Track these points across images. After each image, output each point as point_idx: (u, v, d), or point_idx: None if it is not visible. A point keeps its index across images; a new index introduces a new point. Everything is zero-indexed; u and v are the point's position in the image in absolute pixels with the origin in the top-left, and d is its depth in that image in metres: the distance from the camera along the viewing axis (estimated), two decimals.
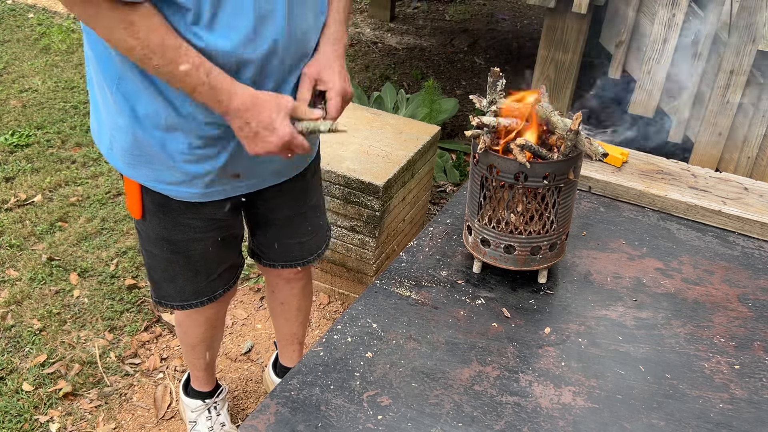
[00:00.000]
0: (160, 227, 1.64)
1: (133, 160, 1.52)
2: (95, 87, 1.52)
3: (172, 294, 1.79)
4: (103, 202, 3.29)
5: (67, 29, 5.05)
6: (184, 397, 2.23)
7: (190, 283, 1.77)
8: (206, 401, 2.19)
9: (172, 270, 1.74)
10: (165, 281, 1.77)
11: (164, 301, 1.81)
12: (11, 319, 2.65)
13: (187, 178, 1.53)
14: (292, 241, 1.88)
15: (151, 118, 1.44)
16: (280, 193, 1.74)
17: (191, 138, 1.46)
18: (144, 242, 1.71)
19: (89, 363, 2.50)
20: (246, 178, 1.60)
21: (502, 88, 1.45)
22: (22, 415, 2.30)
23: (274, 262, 1.94)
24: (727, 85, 2.88)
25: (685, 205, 1.74)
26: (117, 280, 2.85)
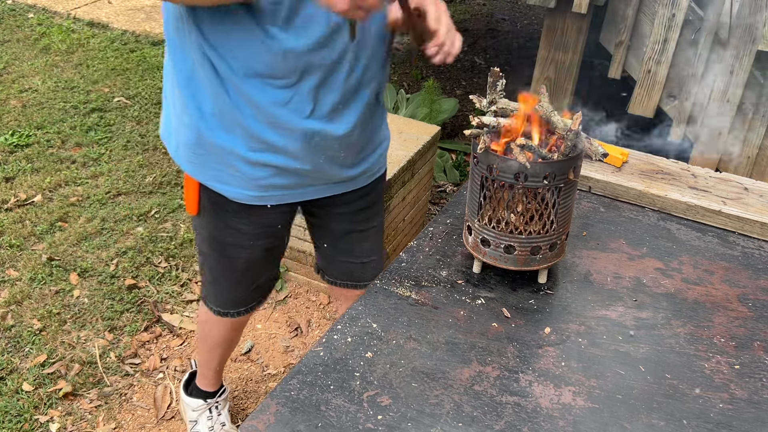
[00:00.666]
0: (212, 226, 1.68)
1: (194, 157, 1.56)
2: (168, 87, 1.58)
3: (211, 296, 1.84)
4: (103, 202, 3.29)
5: (67, 29, 5.05)
6: (185, 397, 2.23)
7: (231, 291, 1.80)
8: (208, 401, 2.19)
9: (216, 272, 1.77)
10: (209, 281, 1.82)
11: (206, 300, 1.86)
12: (11, 319, 2.65)
13: (244, 180, 1.56)
14: (353, 261, 1.89)
15: (216, 117, 1.48)
16: (339, 207, 1.75)
17: (251, 141, 1.50)
18: (197, 239, 1.77)
19: (89, 363, 2.50)
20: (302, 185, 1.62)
21: (502, 88, 1.45)
22: (22, 415, 2.30)
23: (336, 280, 1.95)
24: (727, 85, 2.88)
25: (685, 205, 1.74)
26: (117, 280, 2.85)
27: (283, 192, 1.61)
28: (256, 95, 1.43)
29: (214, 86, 1.44)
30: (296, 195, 1.64)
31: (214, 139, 1.51)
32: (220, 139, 1.51)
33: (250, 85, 1.42)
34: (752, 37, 2.78)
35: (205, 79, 1.44)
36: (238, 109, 1.45)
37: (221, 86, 1.43)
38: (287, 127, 1.48)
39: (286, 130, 1.48)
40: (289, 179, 1.58)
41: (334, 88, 1.46)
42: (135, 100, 4.19)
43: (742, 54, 2.81)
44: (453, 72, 4.86)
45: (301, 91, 1.44)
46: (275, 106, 1.45)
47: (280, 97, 1.44)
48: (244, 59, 1.40)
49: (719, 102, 2.93)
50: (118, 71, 4.53)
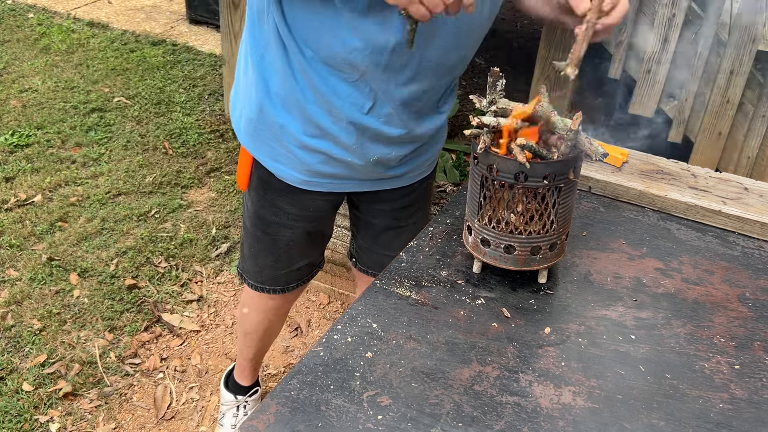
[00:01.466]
0: (258, 203, 1.74)
1: (253, 131, 1.63)
2: (241, 62, 1.65)
3: (250, 271, 1.90)
4: (103, 202, 3.29)
5: (67, 29, 5.05)
6: (222, 388, 2.30)
7: (270, 267, 1.87)
8: (238, 398, 2.23)
9: (257, 248, 1.83)
10: (249, 256, 1.88)
11: (244, 275, 1.92)
12: (11, 319, 2.65)
13: (295, 162, 1.62)
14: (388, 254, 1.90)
15: (280, 97, 1.55)
16: (382, 203, 1.81)
17: (308, 125, 1.56)
18: (244, 214, 1.82)
19: (89, 363, 2.50)
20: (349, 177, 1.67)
21: (502, 88, 1.45)
22: (22, 415, 2.30)
23: (367, 269, 2.02)
24: (727, 85, 2.88)
25: (685, 205, 1.74)
26: (117, 280, 2.85)
27: (330, 180, 1.67)
28: (321, 83, 1.49)
29: (284, 67, 1.50)
30: (342, 185, 1.69)
31: (275, 117, 1.57)
32: (280, 118, 1.57)
33: (316, 72, 1.48)
34: (752, 37, 2.78)
35: (277, 59, 1.50)
36: (302, 92, 1.51)
37: (289, 68, 1.49)
38: (344, 119, 1.53)
39: (343, 121, 1.53)
40: (337, 169, 1.64)
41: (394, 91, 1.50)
42: (135, 100, 4.19)
43: (742, 54, 2.81)
44: None
45: (362, 88, 1.49)
46: (336, 97, 1.51)
47: (342, 89, 1.50)
48: (316, 47, 1.45)
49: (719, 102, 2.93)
50: (118, 71, 4.53)
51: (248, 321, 2.06)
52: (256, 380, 2.26)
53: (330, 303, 2.83)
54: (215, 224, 3.22)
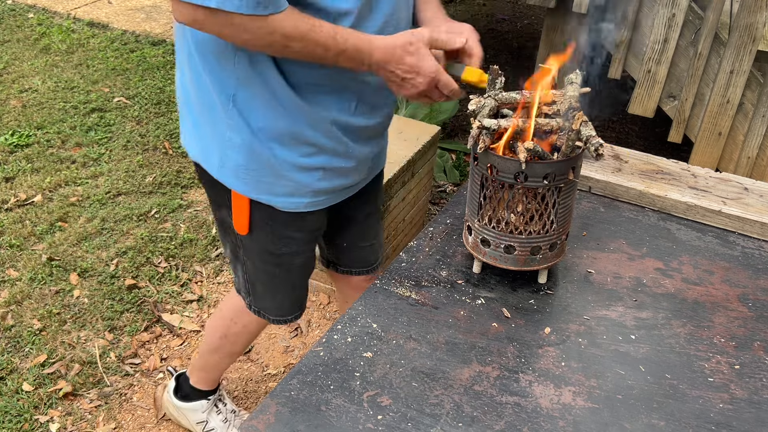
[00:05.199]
0: (266, 241, 1.67)
1: (246, 175, 1.55)
2: (196, 107, 1.54)
3: (270, 307, 1.83)
4: (103, 202, 3.29)
5: (67, 29, 5.05)
6: (183, 404, 2.21)
7: (289, 296, 1.82)
8: (210, 398, 2.19)
9: (273, 284, 1.77)
10: (266, 294, 1.81)
11: (262, 312, 1.85)
12: (11, 319, 2.65)
13: (297, 188, 1.57)
14: (366, 244, 1.94)
15: (267, 130, 1.49)
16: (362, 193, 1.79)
17: (301, 147, 1.51)
18: (248, 255, 1.73)
19: (89, 363, 2.50)
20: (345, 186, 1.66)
21: (501, 86, 1.45)
22: (22, 415, 2.30)
23: (350, 269, 1.99)
24: (727, 85, 2.88)
25: (685, 205, 1.74)
26: (117, 280, 2.85)
27: (329, 195, 1.64)
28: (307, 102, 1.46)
29: (268, 99, 1.45)
30: (341, 194, 1.68)
31: (267, 152, 1.51)
32: (272, 151, 1.51)
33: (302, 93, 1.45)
34: (752, 37, 2.78)
35: (256, 94, 1.44)
36: (291, 117, 1.47)
37: (274, 98, 1.44)
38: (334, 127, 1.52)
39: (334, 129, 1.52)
40: (335, 181, 1.62)
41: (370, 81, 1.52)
42: (135, 100, 4.19)
43: (742, 54, 2.81)
44: None
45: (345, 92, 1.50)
46: (324, 108, 1.49)
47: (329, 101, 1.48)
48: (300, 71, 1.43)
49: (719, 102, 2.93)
50: (118, 71, 4.53)
51: (239, 345, 2.02)
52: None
53: (330, 303, 2.83)
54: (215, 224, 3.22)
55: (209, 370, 2.14)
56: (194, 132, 1.59)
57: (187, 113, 1.59)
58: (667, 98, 3.07)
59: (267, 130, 1.49)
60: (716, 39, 2.86)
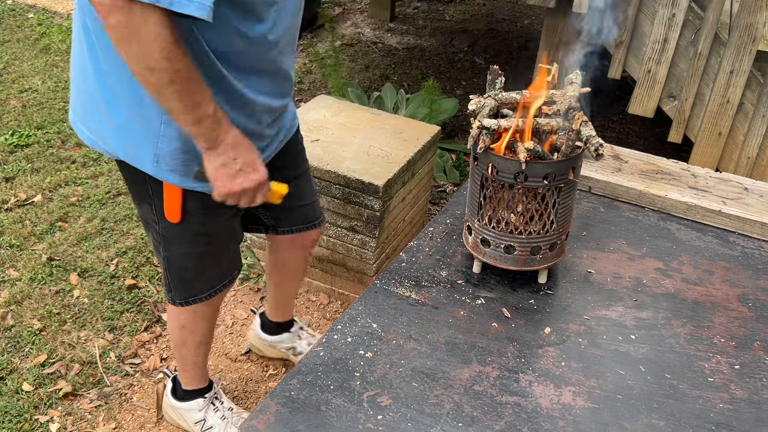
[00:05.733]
0: (198, 224, 1.70)
1: (179, 165, 1.57)
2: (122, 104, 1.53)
3: (200, 287, 1.85)
4: (103, 202, 3.29)
5: (67, 29, 5.05)
6: (180, 404, 2.21)
7: (216, 269, 1.85)
8: (206, 396, 2.19)
9: (203, 263, 1.80)
10: (195, 277, 1.83)
11: (192, 299, 1.87)
12: (11, 319, 2.65)
13: None
14: (305, 203, 2.01)
15: None
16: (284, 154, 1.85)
17: None
18: (175, 245, 1.75)
19: (89, 363, 2.50)
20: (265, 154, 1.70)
21: (501, 86, 1.45)
22: (22, 415, 2.30)
23: (291, 228, 2.03)
24: (727, 85, 2.88)
25: (685, 205, 1.74)
26: (117, 280, 2.85)
27: None
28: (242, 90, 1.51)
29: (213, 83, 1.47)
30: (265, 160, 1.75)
31: None
32: None
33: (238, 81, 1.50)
34: (752, 37, 2.78)
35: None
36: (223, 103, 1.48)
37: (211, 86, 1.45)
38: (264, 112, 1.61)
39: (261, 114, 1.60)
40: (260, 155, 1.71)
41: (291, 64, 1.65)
42: None
43: (742, 54, 2.81)
44: (453, 72, 4.86)
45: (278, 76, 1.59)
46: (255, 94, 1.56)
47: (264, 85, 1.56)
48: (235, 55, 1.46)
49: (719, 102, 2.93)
50: None
51: (198, 334, 2.02)
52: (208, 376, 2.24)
53: (330, 303, 2.83)
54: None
55: (188, 367, 2.14)
56: (119, 130, 1.58)
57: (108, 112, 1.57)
58: (667, 98, 3.07)
59: None
60: (716, 39, 2.86)
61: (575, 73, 1.45)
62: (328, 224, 2.65)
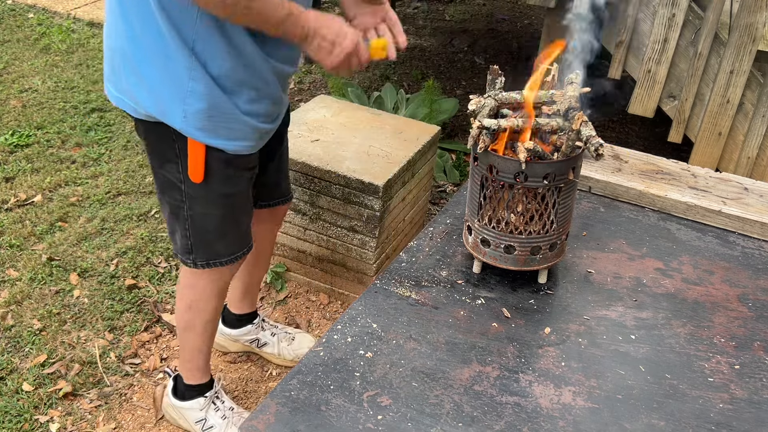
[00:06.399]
0: (221, 185, 1.77)
1: (207, 122, 1.65)
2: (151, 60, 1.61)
3: (221, 250, 1.90)
4: (103, 202, 3.29)
5: (67, 29, 5.05)
6: (181, 404, 2.20)
7: (237, 234, 1.91)
8: (207, 395, 2.19)
9: (223, 226, 1.86)
10: (217, 239, 1.88)
11: (212, 261, 1.91)
12: (11, 319, 2.65)
13: (247, 132, 1.70)
14: (282, 177, 2.13)
15: (225, 76, 1.60)
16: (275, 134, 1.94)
17: (251, 91, 1.66)
18: (195, 206, 1.81)
19: (89, 363, 2.50)
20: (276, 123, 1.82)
21: (501, 86, 1.45)
22: (22, 415, 2.30)
23: (269, 201, 2.13)
24: (727, 85, 2.88)
25: (685, 205, 1.74)
26: (117, 280, 2.85)
27: (263, 137, 1.80)
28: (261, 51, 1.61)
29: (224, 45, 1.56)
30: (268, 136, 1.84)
31: (225, 98, 1.63)
32: (230, 96, 1.63)
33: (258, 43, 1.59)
34: (752, 37, 2.78)
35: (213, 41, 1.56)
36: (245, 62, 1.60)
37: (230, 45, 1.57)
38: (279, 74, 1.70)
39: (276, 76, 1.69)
40: (272, 123, 1.79)
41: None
42: None
43: (742, 54, 2.81)
44: (453, 72, 4.86)
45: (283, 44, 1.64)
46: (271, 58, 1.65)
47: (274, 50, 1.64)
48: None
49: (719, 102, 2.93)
50: None
51: (207, 312, 2.04)
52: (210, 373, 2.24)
53: (330, 303, 2.83)
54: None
55: (193, 356, 2.13)
56: (150, 87, 1.64)
57: (140, 71, 1.63)
58: (667, 98, 3.07)
59: (225, 77, 1.61)
60: (716, 39, 2.86)
61: (575, 73, 1.45)
62: (328, 224, 2.65)
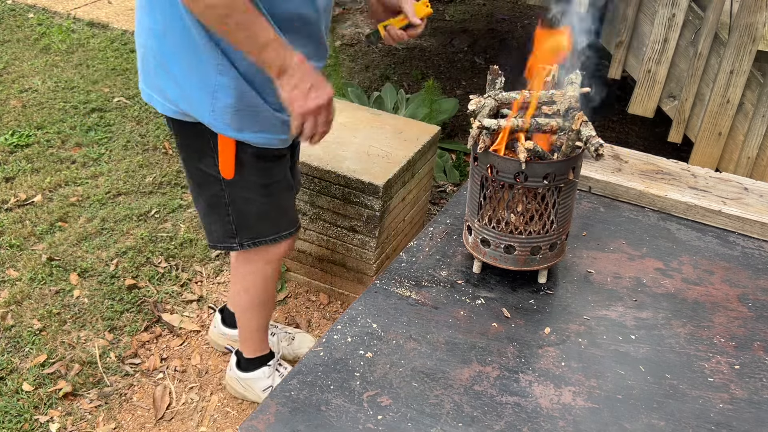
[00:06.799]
0: (256, 176, 1.81)
1: (236, 115, 1.67)
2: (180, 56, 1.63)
3: (265, 231, 1.94)
4: (103, 202, 3.29)
5: (67, 29, 5.05)
6: (247, 375, 2.29)
7: (279, 216, 1.95)
8: (269, 363, 2.25)
9: (266, 209, 1.89)
10: (261, 221, 1.92)
11: (258, 240, 1.94)
12: (11, 319, 2.65)
13: (277, 126, 1.70)
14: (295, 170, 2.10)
15: (253, 72, 1.61)
16: None
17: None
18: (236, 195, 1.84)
19: (89, 363, 2.50)
20: None
21: (501, 86, 1.45)
22: (22, 415, 2.30)
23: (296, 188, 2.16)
24: (727, 85, 2.88)
25: (685, 205, 1.74)
26: (117, 280, 2.85)
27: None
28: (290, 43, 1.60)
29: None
30: None
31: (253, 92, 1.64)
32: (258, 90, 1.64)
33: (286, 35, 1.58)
34: (752, 37, 2.78)
35: None
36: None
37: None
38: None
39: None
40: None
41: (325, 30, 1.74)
42: (135, 100, 4.19)
43: (742, 54, 2.81)
44: (453, 72, 4.86)
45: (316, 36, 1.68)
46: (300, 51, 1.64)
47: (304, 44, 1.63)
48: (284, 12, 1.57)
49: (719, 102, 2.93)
50: (118, 71, 4.52)
51: (262, 291, 2.09)
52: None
53: (330, 303, 2.83)
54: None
55: (252, 334, 2.21)
56: (179, 83, 1.66)
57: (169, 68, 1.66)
58: (667, 98, 3.07)
59: (252, 73, 1.61)
60: (716, 39, 2.86)
61: (575, 73, 1.45)
62: (328, 224, 2.65)
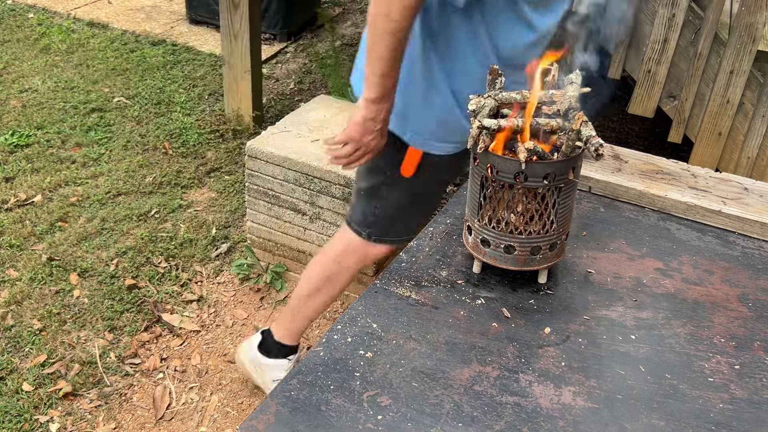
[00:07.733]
0: (425, 183, 1.91)
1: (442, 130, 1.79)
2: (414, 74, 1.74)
3: (400, 231, 2.01)
4: (103, 202, 3.29)
5: (67, 29, 5.05)
6: (267, 360, 2.29)
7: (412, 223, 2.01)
8: (291, 357, 2.27)
9: (407, 214, 1.98)
10: (398, 221, 2.00)
11: (385, 239, 2.02)
12: (11, 319, 2.65)
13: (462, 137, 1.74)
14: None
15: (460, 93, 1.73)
16: None
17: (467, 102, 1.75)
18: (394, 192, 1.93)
19: (89, 363, 2.50)
20: None
21: (501, 86, 1.45)
22: (22, 415, 2.30)
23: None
24: (727, 85, 2.88)
25: (685, 205, 1.74)
26: (117, 280, 2.85)
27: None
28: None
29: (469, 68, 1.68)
30: None
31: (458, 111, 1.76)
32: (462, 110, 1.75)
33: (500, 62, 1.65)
34: (752, 37, 2.78)
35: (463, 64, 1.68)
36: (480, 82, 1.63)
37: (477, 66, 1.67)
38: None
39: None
40: None
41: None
42: (135, 100, 4.19)
43: (742, 54, 2.81)
44: None
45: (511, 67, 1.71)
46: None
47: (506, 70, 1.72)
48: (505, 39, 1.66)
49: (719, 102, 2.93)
50: (118, 71, 4.53)
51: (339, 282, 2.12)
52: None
53: None
54: (215, 224, 3.23)
55: (298, 320, 2.22)
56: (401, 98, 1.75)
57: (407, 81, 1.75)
58: (667, 98, 3.07)
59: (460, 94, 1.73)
60: (716, 39, 2.86)
61: (575, 73, 1.45)
62: (328, 224, 2.65)
